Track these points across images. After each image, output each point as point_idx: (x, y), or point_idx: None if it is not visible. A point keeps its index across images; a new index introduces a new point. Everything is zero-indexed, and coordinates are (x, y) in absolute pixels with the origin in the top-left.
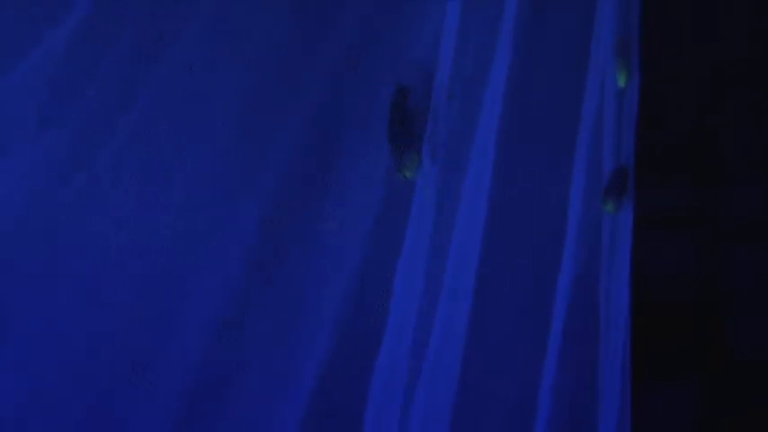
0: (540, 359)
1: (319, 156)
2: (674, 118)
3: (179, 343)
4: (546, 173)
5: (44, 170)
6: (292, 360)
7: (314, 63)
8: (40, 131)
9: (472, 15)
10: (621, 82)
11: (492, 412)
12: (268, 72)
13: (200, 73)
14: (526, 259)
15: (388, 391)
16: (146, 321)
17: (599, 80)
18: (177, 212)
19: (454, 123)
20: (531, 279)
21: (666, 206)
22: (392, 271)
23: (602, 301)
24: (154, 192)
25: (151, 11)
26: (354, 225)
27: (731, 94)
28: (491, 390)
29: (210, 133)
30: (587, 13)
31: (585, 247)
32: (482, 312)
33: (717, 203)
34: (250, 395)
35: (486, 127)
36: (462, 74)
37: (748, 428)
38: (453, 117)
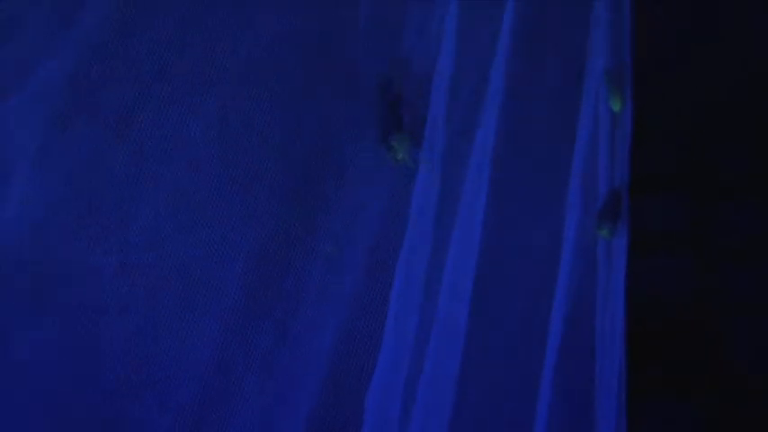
0: (536, 379)
1: (321, 158)
2: (670, 137)
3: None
4: (541, 195)
5: (44, 199)
6: (295, 362)
7: (317, 70)
8: (39, 160)
9: (466, 46)
10: (616, 107)
11: None
12: (272, 83)
13: (199, 96)
14: (522, 282)
15: (388, 395)
16: (146, 344)
17: (592, 104)
18: (178, 231)
19: (451, 138)
20: (526, 301)
21: (664, 224)
22: (390, 281)
23: (598, 319)
24: (153, 218)
25: (152, 37)
26: (355, 235)
27: (728, 114)
28: (489, 413)
29: (209, 157)
30: (581, 36)
31: (581, 268)
32: (478, 334)
33: (715, 221)
34: (253, 397)
35: (480, 151)
36: (460, 91)
37: None
38: (452, 125)
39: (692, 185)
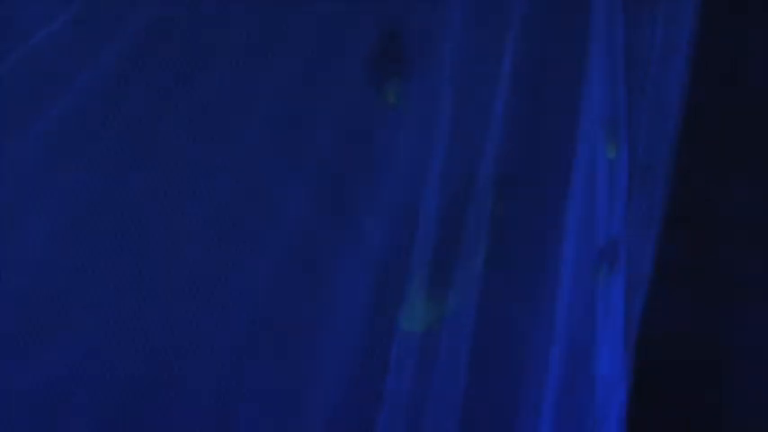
0: (536, 419)
1: (332, 172)
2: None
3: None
4: (539, 238)
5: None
6: (314, 366)
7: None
8: (56, 183)
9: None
10: (611, 154)
11: None
12: (290, 86)
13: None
14: (521, 325)
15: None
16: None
17: (589, 150)
18: (198, 231)
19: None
20: (526, 344)
21: (666, 263)
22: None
23: (599, 359)
24: (173, 230)
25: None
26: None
27: (728, 150)
28: None
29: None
30: (578, 83)
31: (579, 310)
32: (478, 376)
33: (715, 259)
34: (271, 398)
35: (480, 191)
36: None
37: None
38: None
39: (693, 224)
